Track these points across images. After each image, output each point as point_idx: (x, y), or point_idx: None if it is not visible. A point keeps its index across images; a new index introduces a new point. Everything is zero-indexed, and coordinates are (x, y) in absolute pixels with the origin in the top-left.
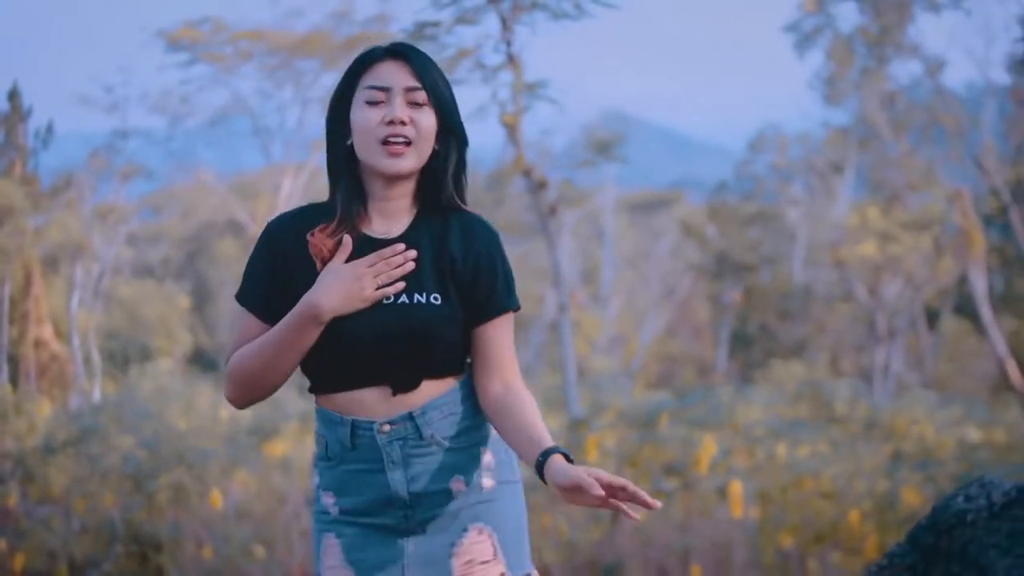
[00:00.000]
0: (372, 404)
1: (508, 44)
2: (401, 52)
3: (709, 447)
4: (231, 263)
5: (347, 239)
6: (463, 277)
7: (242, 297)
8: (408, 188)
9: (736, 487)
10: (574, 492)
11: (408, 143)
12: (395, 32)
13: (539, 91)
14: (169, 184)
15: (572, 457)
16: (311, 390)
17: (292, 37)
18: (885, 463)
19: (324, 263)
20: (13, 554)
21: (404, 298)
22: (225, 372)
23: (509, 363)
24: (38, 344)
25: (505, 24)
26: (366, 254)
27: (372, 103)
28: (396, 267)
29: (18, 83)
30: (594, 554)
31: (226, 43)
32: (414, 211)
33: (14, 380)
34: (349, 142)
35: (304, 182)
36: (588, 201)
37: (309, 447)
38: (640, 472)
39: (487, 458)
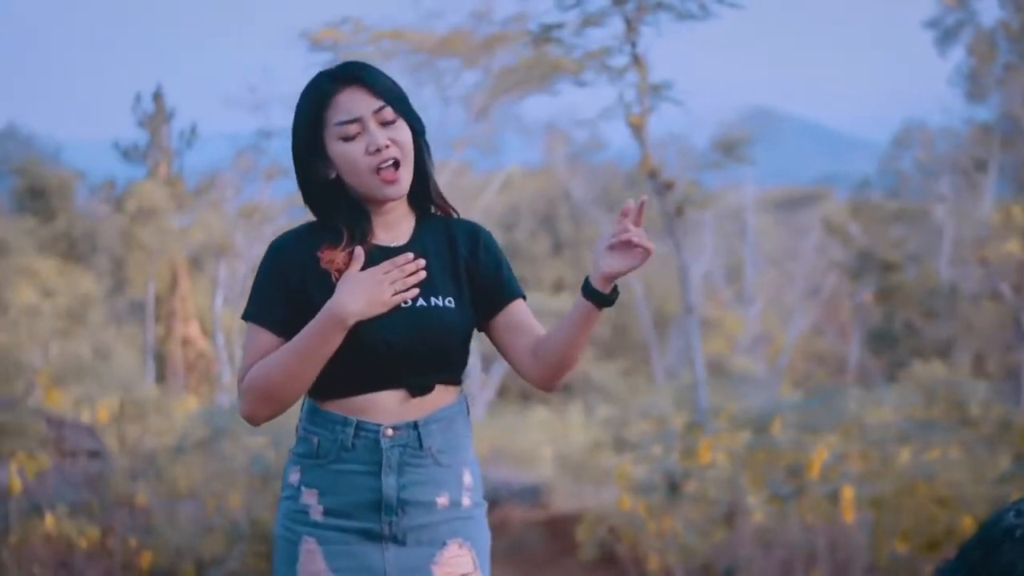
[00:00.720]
0: (385, 407)
1: (633, 45)
2: (354, 76)
3: (822, 451)
4: None
5: (359, 250)
6: (481, 277)
7: (255, 315)
8: (402, 201)
9: (848, 492)
10: (610, 260)
11: (398, 164)
12: (525, 32)
13: (664, 92)
14: None
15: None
16: (314, 393)
17: (432, 37)
18: (1008, 468)
19: (340, 274)
20: (140, 551)
21: (421, 301)
22: (241, 389)
23: (531, 339)
24: (185, 342)
25: (630, 25)
26: (378, 262)
27: (348, 138)
28: (409, 274)
29: (162, 85)
30: (712, 557)
31: (367, 43)
32: (413, 217)
33: (161, 378)
34: (333, 175)
35: (447, 180)
36: (716, 202)
37: None
38: (756, 475)
39: (467, 478)
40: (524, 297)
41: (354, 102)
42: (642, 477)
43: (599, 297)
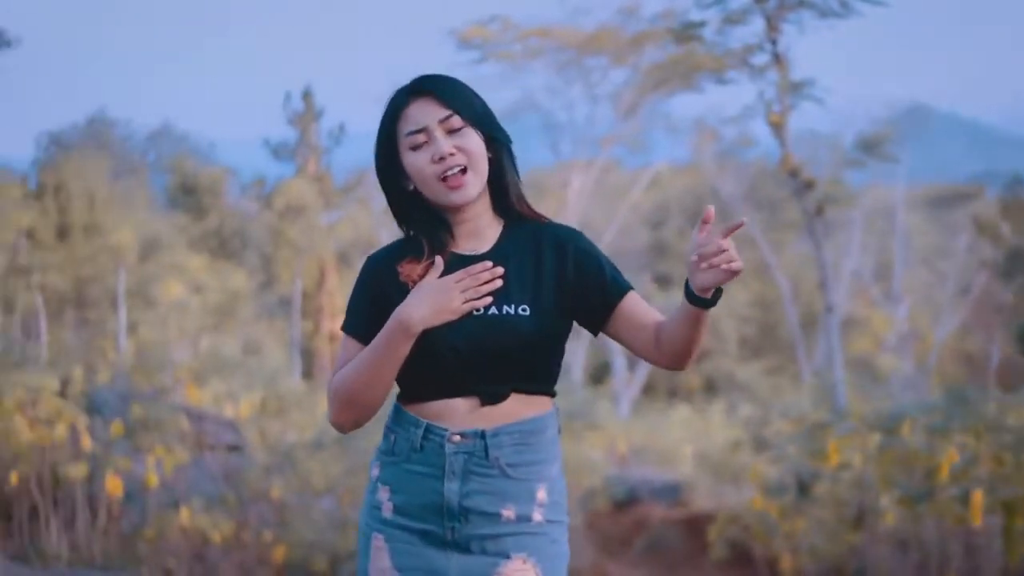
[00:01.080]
0: (456, 414)
1: (774, 43)
2: (423, 89)
3: (952, 453)
4: None
5: (438, 259)
6: (576, 284)
7: (347, 326)
8: (483, 204)
9: (977, 496)
10: (703, 261)
11: (464, 170)
12: (666, 29)
13: (805, 90)
14: None
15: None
16: (400, 395)
17: (580, 34)
18: None
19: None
20: (275, 545)
21: (493, 310)
22: (328, 396)
23: (652, 322)
24: (331, 338)
25: (771, 24)
26: (456, 271)
27: (416, 148)
28: (484, 283)
29: (311, 84)
30: (843, 559)
31: (515, 41)
32: (500, 224)
33: (308, 373)
34: (412, 187)
35: (594, 177)
36: (861, 200)
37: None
38: (887, 476)
39: (541, 495)
40: (631, 289)
41: (421, 112)
42: (774, 477)
43: (700, 302)
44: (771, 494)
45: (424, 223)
